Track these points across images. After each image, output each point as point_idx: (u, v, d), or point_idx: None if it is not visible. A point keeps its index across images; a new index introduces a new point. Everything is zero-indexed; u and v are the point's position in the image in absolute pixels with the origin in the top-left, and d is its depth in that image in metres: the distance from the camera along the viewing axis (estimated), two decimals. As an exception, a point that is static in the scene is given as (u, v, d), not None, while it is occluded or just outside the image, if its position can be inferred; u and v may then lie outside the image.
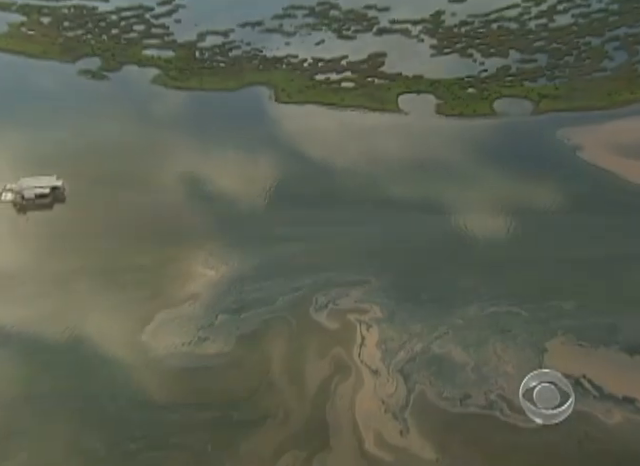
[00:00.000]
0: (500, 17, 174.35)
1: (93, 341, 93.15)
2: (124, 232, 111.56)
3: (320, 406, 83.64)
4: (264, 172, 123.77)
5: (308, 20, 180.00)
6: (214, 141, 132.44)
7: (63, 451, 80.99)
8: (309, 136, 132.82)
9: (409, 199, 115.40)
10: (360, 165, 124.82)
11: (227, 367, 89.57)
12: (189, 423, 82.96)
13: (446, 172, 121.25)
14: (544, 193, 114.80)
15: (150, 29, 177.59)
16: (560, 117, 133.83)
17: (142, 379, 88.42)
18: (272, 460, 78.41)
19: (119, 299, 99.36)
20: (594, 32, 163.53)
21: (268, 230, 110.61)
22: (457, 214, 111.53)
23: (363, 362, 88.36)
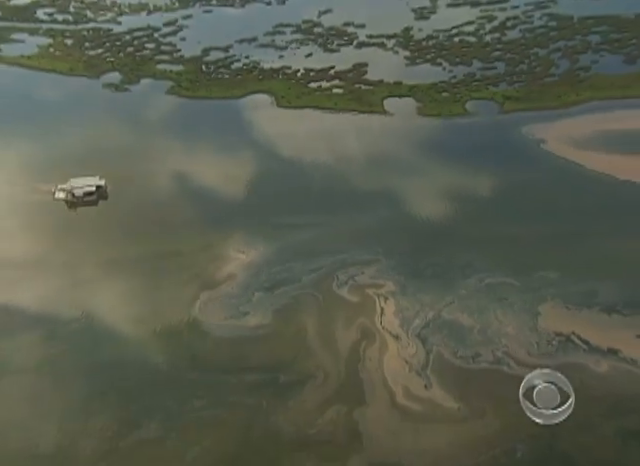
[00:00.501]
0: (460, 32, 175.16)
1: (152, 318, 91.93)
2: (160, 223, 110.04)
3: (353, 367, 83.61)
4: (275, 164, 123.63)
5: (296, 36, 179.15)
6: (229, 140, 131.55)
7: (144, 409, 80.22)
8: (312, 135, 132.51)
9: (407, 182, 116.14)
10: (359, 158, 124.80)
11: (268, 336, 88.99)
12: (242, 384, 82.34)
13: (434, 161, 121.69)
14: (517, 179, 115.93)
15: (160, 47, 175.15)
16: (522, 116, 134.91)
17: (198, 348, 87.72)
18: (318, 414, 78.23)
19: (169, 281, 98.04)
20: (539, 44, 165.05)
21: (281, 219, 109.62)
22: (446, 196, 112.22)
23: (385, 329, 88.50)
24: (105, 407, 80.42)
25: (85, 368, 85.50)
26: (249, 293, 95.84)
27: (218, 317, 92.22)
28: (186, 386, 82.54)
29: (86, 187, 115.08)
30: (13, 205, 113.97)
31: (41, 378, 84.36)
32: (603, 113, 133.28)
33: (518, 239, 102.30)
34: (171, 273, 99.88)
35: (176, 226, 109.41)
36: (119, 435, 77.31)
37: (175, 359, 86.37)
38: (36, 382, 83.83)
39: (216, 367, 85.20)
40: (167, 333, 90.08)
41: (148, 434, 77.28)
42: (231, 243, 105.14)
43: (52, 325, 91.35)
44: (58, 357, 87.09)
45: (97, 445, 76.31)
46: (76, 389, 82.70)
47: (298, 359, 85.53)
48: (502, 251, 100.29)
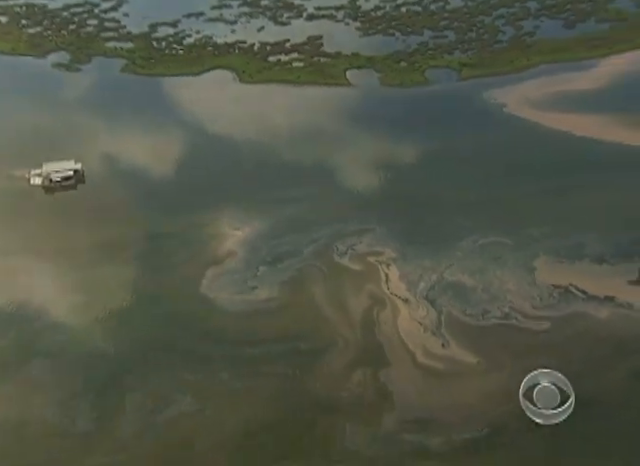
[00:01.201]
0: (405, 2, 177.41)
1: (163, 298, 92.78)
2: (146, 205, 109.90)
3: (370, 331, 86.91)
4: (256, 139, 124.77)
5: (244, 9, 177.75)
6: (197, 118, 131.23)
7: (176, 385, 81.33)
8: (284, 109, 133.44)
9: (385, 151, 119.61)
10: (338, 129, 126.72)
11: (280, 308, 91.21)
12: (265, 355, 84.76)
13: (407, 130, 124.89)
14: (486, 142, 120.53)
15: (103, 23, 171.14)
16: (480, 82, 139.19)
17: (215, 324, 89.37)
18: (345, 377, 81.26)
19: (169, 262, 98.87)
20: (483, 12, 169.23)
21: (269, 195, 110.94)
22: (423, 162, 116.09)
23: (393, 294, 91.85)
24: (137, 385, 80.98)
25: (108, 349, 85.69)
26: (253, 268, 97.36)
27: (228, 293, 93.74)
28: (211, 360, 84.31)
29: (63, 172, 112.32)
30: None
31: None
32: (553, 76, 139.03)
33: (500, 200, 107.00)
34: (171, 253, 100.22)
35: (164, 207, 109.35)
36: (155, 411, 78.33)
37: (194, 336, 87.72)
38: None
39: (235, 340, 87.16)
40: (181, 311, 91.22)
41: (185, 408, 78.99)
42: (223, 221, 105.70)
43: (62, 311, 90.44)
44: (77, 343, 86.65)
45: (135, 421, 76.93)
46: (106, 367, 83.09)
47: (315, 328, 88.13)
48: (487, 212, 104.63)
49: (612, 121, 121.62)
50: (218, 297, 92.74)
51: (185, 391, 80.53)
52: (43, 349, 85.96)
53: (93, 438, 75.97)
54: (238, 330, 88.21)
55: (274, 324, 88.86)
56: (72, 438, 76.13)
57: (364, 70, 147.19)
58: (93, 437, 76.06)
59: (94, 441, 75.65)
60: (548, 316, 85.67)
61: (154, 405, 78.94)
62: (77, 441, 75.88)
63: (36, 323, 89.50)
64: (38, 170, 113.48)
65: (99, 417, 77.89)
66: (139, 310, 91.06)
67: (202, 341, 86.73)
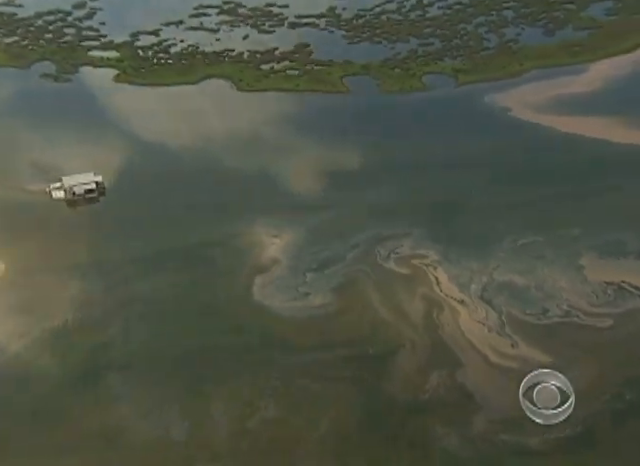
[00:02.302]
0: (384, 10, 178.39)
1: (218, 309, 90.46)
2: (176, 215, 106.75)
3: (434, 333, 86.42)
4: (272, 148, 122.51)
5: (223, 17, 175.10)
6: (210, 126, 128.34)
7: (257, 392, 79.47)
8: (291, 117, 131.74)
9: (407, 156, 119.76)
10: (353, 137, 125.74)
11: (338, 314, 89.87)
12: (335, 360, 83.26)
13: (421, 134, 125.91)
14: (500, 146, 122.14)
15: (82, 32, 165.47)
16: (478, 87, 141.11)
17: (277, 331, 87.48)
18: (422, 379, 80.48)
19: (215, 270, 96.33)
20: (463, 20, 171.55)
21: (300, 200, 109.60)
22: (444, 168, 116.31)
23: (447, 296, 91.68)
24: (218, 394, 79.03)
25: (179, 359, 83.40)
26: (300, 275, 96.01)
27: (282, 300, 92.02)
28: (283, 367, 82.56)
29: (86, 184, 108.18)
30: (13, 210, 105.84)
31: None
32: (547, 80, 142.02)
33: (526, 202, 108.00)
34: (213, 263, 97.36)
35: (191, 217, 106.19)
36: (244, 418, 76.21)
37: (259, 343, 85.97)
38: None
39: (301, 347, 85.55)
40: (238, 321, 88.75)
41: (272, 414, 77.37)
42: (258, 228, 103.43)
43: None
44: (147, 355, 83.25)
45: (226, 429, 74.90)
46: (181, 377, 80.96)
47: (378, 331, 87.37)
48: (517, 214, 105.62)
49: (617, 123, 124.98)
50: (273, 304, 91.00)
51: (268, 398, 78.84)
52: (114, 363, 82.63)
53: (189, 446, 73.71)
54: (301, 336, 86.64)
55: (335, 329, 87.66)
56: (170, 447, 73.64)
57: (360, 77, 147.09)
58: (189, 445, 73.76)
59: (190, 449, 73.35)
60: (608, 313, 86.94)
61: (241, 412, 76.95)
62: (175, 450, 73.37)
63: (100, 335, 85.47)
64: (58, 184, 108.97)
65: (191, 427, 75.44)
66: (198, 320, 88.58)
67: (268, 348, 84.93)
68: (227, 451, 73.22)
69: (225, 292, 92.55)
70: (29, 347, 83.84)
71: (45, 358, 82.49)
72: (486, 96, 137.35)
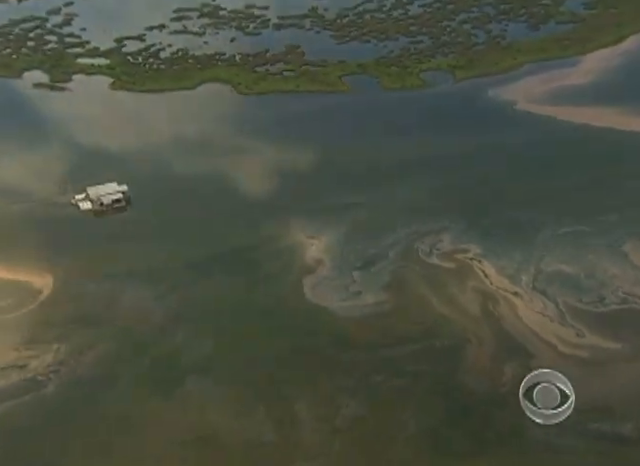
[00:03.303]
0: (366, 10, 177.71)
1: (276, 310, 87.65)
2: (208, 220, 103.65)
3: (496, 326, 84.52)
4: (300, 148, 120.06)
5: (204, 20, 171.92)
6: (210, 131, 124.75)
7: (336, 390, 76.99)
8: (304, 117, 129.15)
9: (436, 151, 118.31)
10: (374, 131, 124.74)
11: (395, 310, 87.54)
12: (406, 356, 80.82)
13: (434, 127, 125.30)
14: (515, 139, 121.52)
15: (64, 39, 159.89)
16: (478, 82, 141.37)
17: (338, 330, 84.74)
18: (497, 371, 78.26)
19: (264, 274, 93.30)
20: (446, 18, 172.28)
21: (327, 200, 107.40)
22: (469, 159, 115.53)
23: (499, 288, 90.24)
24: (298, 395, 76.51)
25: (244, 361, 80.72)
26: (347, 274, 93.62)
27: (335, 299, 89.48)
28: (354, 365, 79.94)
29: (113, 194, 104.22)
30: (46, 224, 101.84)
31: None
32: (544, 73, 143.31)
33: (555, 192, 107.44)
34: (258, 266, 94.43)
35: (223, 222, 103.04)
36: (329, 417, 73.85)
37: (324, 343, 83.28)
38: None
39: (366, 345, 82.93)
40: (299, 322, 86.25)
41: (356, 412, 74.66)
42: (294, 230, 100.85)
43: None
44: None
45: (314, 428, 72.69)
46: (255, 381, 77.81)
47: (439, 326, 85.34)
48: (549, 204, 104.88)
49: (623, 112, 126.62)
50: (329, 304, 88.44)
51: (348, 396, 76.14)
52: (190, 368, 79.56)
53: (282, 446, 71.18)
54: (364, 334, 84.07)
55: (395, 326, 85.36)
56: (264, 448, 71.01)
57: (358, 76, 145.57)
58: (281, 445, 71.26)
59: (284, 449, 70.86)
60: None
61: (325, 411, 74.49)
62: (269, 450, 70.76)
63: (168, 341, 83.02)
64: (82, 195, 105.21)
65: (280, 428, 72.84)
66: (260, 323, 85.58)
67: (334, 347, 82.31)
68: (321, 450, 70.78)
69: (278, 294, 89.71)
70: (101, 357, 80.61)
71: (121, 367, 79.32)
72: (488, 91, 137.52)
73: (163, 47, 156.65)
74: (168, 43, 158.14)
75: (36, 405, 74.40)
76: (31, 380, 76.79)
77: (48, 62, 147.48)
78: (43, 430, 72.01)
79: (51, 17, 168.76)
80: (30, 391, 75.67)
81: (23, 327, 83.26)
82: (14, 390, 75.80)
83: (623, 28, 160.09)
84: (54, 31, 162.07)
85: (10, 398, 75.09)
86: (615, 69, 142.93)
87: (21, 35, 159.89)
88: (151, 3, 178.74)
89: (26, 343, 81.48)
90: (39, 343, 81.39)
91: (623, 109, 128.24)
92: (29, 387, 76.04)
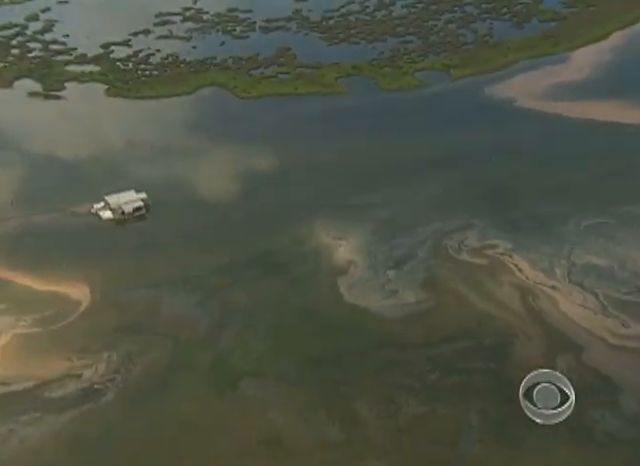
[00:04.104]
0: (349, 11, 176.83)
1: (317, 311, 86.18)
2: (229, 225, 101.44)
3: (540, 320, 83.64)
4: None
5: (188, 25, 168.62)
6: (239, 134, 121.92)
7: (395, 388, 74.82)
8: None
9: (447, 148, 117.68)
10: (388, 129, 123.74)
11: (436, 308, 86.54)
12: (456, 353, 79.82)
13: (442, 129, 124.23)
14: (521, 135, 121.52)
15: (48, 46, 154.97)
16: (474, 80, 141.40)
17: (383, 330, 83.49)
18: (550, 366, 77.49)
19: (297, 276, 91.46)
20: (430, 17, 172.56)
21: (347, 201, 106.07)
22: (482, 156, 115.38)
23: (536, 282, 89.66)
24: (357, 394, 75.03)
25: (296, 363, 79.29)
26: (382, 273, 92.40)
27: (374, 299, 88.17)
28: (407, 364, 78.98)
29: (134, 202, 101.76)
30: (70, 234, 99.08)
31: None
32: (538, 70, 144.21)
33: (573, 185, 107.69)
34: (289, 269, 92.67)
35: (249, 227, 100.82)
36: (389, 416, 72.52)
37: (372, 343, 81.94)
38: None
39: (414, 343, 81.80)
40: (342, 323, 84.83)
41: (417, 410, 73.62)
42: (318, 231, 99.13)
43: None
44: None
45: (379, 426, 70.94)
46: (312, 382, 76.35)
47: (482, 323, 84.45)
48: (569, 197, 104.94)
49: (622, 105, 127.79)
50: (368, 304, 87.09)
51: (406, 395, 75.00)
52: (243, 372, 77.99)
53: (351, 445, 69.83)
54: (410, 333, 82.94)
55: (441, 323, 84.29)
56: (334, 447, 69.71)
57: (354, 77, 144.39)
58: (350, 444, 69.87)
59: (354, 448, 69.48)
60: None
61: (387, 410, 73.31)
62: (339, 450, 69.46)
63: (217, 346, 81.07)
64: (100, 204, 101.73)
65: (344, 427, 71.21)
66: (303, 324, 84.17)
67: (383, 347, 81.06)
68: (390, 448, 69.31)
69: (315, 296, 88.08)
70: (153, 364, 78.63)
71: (175, 373, 77.30)
72: (485, 88, 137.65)
73: (152, 52, 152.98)
74: (156, 48, 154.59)
75: (98, 414, 72.70)
76: (89, 389, 75.35)
77: (37, 70, 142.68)
78: (109, 439, 70.23)
79: (30, 24, 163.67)
80: (90, 400, 74.17)
81: (70, 337, 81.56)
82: (73, 400, 74.21)
83: (606, 25, 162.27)
84: (36, 38, 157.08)
85: (70, 408, 73.39)
86: (607, 64, 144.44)
87: (3, 43, 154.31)
88: (130, 8, 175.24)
89: (77, 353, 79.75)
90: (89, 353, 79.80)
91: (622, 103, 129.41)
92: (88, 396, 74.50)
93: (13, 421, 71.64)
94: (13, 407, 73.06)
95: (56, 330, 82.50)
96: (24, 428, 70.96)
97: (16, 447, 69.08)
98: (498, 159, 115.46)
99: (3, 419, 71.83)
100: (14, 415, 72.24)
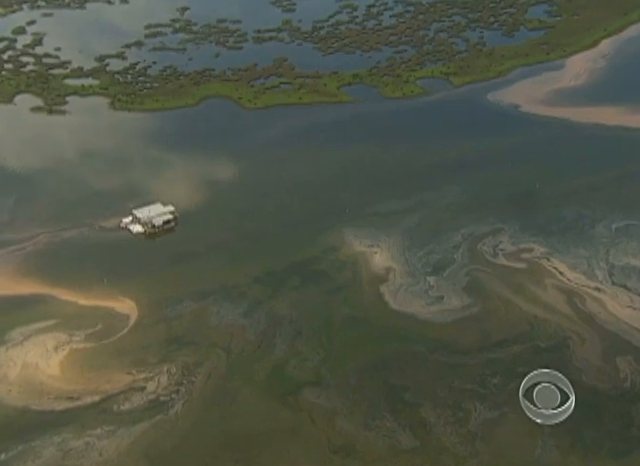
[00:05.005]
0: (338, 21, 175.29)
1: (362, 319, 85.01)
2: (258, 234, 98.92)
3: (592, 322, 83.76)
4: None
5: (181, 36, 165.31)
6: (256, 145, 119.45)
7: (456, 395, 73.89)
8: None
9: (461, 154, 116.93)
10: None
11: (484, 313, 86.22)
12: (513, 357, 79.70)
13: (451, 132, 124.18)
14: (532, 140, 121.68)
15: (42, 60, 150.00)
16: (475, 87, 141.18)
17: (434, 335, 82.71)
18: (611, 368, 77.51)
19: (337, 284, 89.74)
20: (420, 27, 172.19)
21: (373, 208, 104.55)
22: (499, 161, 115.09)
23: (579, 285, 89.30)
24: (420, 400, 73.75)
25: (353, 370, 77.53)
26: (421, 279, 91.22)
27: (420, 305, 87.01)
28: (467, 369, 78.20)
29: (163, 215, 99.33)
30: (103, 248, 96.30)
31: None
32: (536, 76, 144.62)
33: (592, 188, 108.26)
34: (328, 278, 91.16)
35: (278, 236, 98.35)
36: (460, 421, 71.34)
37: (426, 349, 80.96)
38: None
39: (469, 348, 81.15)
40: (394, 330, 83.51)
41: (486, 415, 72.78)
42: (351, 240, 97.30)
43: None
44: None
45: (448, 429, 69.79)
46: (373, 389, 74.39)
47: (535, 326, 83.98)
48: (592, 199, 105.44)
49: (624, 111, 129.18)
50: (416, 310, 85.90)
51: (472, 400, 74.17)
52: (304, 381, 76.52)
53: (427, 451, 68.63)
54: (463, 338, 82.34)
55: (491, 328, 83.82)
56: (406, 455, 68.44)
57: (356, 86, 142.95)
58: (426, 451, 68.63)
59: (431, 454, 68.22)
60: None
61: (454, 416, 72.10)
62: (417, 456, 68.49)
63: (272, 356, 79.37)
64: (129, 218, 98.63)
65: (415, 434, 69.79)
66: (354, 332, 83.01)
67: (439, 352, 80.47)
68: (466, 454, 68.01)
69: (361, 304, 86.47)
70: (212, 374, 77.06)
71: (235, 383, 75.85)
72: (489, 95, 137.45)
73: (149, 64, 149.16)
74: (152, 60, 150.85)
75: (169, 425, 71.09)
76: (156, 401, 73.88)
77: (35, 85, 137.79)
78: (184, 449, 68.80)
79: (19, 37, 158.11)
80: (159, 412, 72.65)
81: (126, 351, 79.77)
82: (143, 412, 72.66)
83: (593, 33, 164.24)
84: (28, 52, 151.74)
85: (141, 420, 71.65)
86: (601, 71, 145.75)
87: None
88: (116, 20, 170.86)
89: (136, 366, 77.91)
90: (148, 365, 77.90)
91: (625, 108, 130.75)
92: (157, 408, 73.03)
93: (88, 434, 70.02)
94: (85, 421, 71.31)
95: (110, 344, 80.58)
96: (100, 441, 69.30)
97: (97, 460, 67.31)
98: (514, 163, 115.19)
99: (78, 433, 70.09)
100: (88, 429, 70.55)
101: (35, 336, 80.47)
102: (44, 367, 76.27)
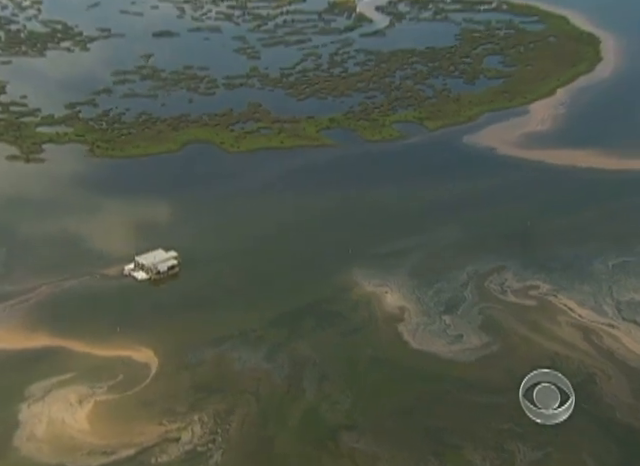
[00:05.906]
0: (304, 69, 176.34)
1: (386, 360, 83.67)
2: (265, 279, 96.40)
3: (613, 358, 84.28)
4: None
5: (149, 82, 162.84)
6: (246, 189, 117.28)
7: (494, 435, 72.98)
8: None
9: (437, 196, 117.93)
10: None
11: (505, 351, 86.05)
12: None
13: (438, 173, 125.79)
14: (511, 183, 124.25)
15: (9, 108, 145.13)
16: (449, 131, 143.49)
17: (460, 375, 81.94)
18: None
19: (355, 326, 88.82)
20: (385, 74, 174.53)
21: (373, 249, 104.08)
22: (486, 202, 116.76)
23: (592, 321, 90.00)
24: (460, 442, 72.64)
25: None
26: (437, 318, 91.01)
27: (440, 344, 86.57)
28: (500, 408, 77.61)
29: (167, 261, 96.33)
30: (110, 297, 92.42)
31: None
32: (504, 121, 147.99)
33: (581, 226, 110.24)
34: (343, 318, 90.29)
35: (285, 278, 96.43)
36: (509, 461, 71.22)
37: (455, 390, 79.99)
38: None
39: (497, 387, 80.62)
40: (415, 370, 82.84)
41: (532, 455, 72.40)
42: (359, 281, 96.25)
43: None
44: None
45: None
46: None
47: (557, 362, 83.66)
48: (582, 237, 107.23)
49: (591, 153, 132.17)
50: (437, 350, 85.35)
51: (513, 440, 73.68)
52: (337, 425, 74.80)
53: None
54: (489, 377, 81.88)
55: (514, 365, 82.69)
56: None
57: (335, 130, 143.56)
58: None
59: None
60: None
61: (499, 458, 71.10)
62: None
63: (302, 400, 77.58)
64: (131, 265, 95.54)
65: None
66: (376, 372, 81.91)
67: (467, 392, 79.65)
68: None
69: (381, 344, 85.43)
70: (245, 421, 74.28)
71: (270, 429, 73.54)
72: (463, 138, 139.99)
73: (122, 111, 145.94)
74: (125, 107, 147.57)
75: None
76: (193, 452, 70.61)
77: (7, 133, 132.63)
78: None
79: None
80: (199, 463, 69.43)
81: (153, 401, 76.18)
82: (181, 464, 69.21)
83: (548, 82, 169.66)
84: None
85: None
86: (563, 117, 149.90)
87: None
88: (79, 66, 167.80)
89: (166, 416, 74.25)
90: (178, 415, 74.44)
91: (592, 151, 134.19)
92: (195, 459, 69.80)
93: (131, 491, 64.55)
94: (124, 477, 65.84)
95: (135, 395, 76.69)
96: (145, 497, 64.07)
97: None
98: (501, 204, 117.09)
99: (120, 490, 64.49)
100: (129, 485, 65.13)
101: (56, 390, 75.80)
102: (71, 422, 71.62)
